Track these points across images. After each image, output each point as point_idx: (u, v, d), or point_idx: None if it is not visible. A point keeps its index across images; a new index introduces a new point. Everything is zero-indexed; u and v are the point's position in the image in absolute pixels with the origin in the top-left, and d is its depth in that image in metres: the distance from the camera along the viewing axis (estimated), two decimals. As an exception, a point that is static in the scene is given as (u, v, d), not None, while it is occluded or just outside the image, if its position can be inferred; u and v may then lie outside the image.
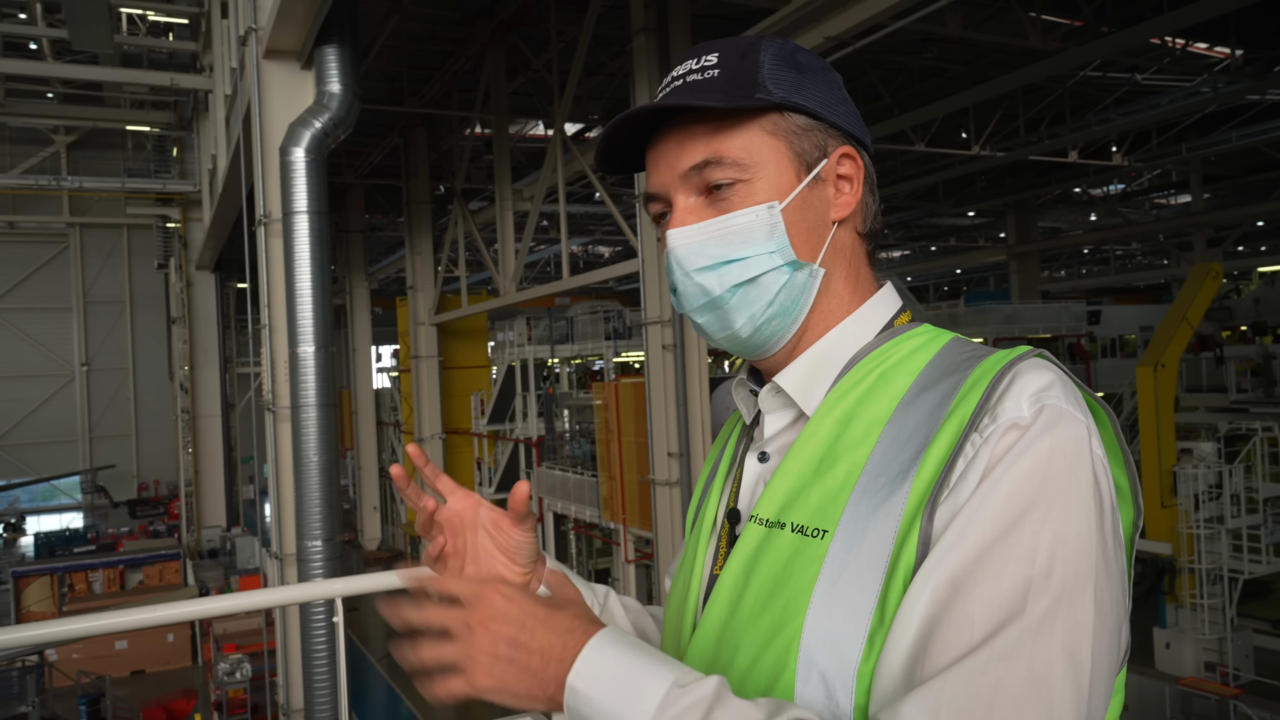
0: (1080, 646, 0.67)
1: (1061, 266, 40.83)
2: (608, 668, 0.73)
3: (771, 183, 0.87)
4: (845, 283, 0.92)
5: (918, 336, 0.89)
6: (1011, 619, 0.67)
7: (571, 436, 19.04)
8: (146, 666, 16.17)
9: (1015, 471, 0.72)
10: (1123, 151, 19.67)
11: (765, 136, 0.87)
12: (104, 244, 28.05)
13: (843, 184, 0.91)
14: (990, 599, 0.68)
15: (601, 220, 27.03)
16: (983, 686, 0.65)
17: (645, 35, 10.35)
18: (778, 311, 0.88)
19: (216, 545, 21.87)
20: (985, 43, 12.79)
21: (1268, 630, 13.85)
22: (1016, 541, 0.69)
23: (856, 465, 0.81)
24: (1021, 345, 0.82)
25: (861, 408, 0.84)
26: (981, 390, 0.77)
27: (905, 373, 0.85)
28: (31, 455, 27.71)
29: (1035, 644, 0.66)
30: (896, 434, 0.80)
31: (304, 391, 8.17)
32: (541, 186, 14.18)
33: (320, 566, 8.16)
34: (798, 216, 0.88)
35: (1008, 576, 0.68)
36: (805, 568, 0.79)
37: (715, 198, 0.88)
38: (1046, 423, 0.73)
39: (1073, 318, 24.46)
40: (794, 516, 0.83)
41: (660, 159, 0.91)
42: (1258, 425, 13.64)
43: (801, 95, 0.88)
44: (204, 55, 17.26)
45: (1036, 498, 0.70)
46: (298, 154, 8.27)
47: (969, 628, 0.67)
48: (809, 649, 0.76)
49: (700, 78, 0.88)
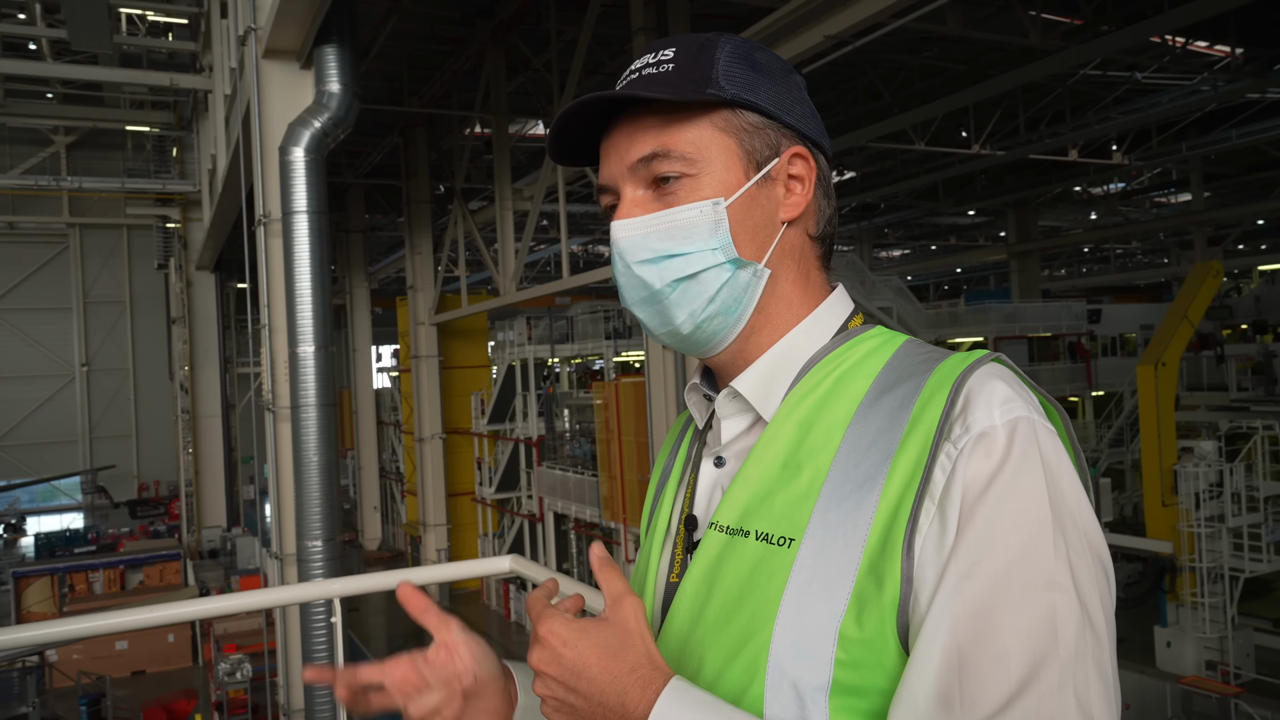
0: (1105, 660, 0.69)
1: (1062, 265, 40.83)
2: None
3: (719, 179, 0.86)
4: (794, 285, 0.91)
5: (872, 339, 0.89)
6: (1048, 652, 0.67)
7: (572, 436, 19.04)
8: (147, 667, 16.17)
9: (1016, 494, 0.71)
10: (1123, 150, 19.66)
11: (715, 132, 0.87)
12: (104, 244, 28.05)
13: (794, 184, 0.90)
14: (1021, 629, 0.68)
15: (601, 220, 26.95)
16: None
17: (645, 34, 10.34)
18: (719, 310, 0.87)
19: (217, 545, 21.87)
20: (985, 41, 12.79)
21: (1268, 629, 13.85)
22: (1035, 566, 0.69)
23: (820, 471, 0.80)
24: (978, 351, 0.82)
25: (821, 412, 0.84)
26: (944, 396, 0.77)
27: (862, 375, 0.84)
28: (32, 456, 27.71)
29: (1075, 673, 0.67)
30: (859, 438, 0.79)
31: (304, 391, 8.16)
32: (541, 186, 14.17)
33: (320, 567, 8.16)
34: (744, 214, 0.87)
35: (1032, 604, 0.68)
36: (772, 576, 0.78)
37: (662, 191, 0.87)
38: (1026, 439, 0.73)
39: (1073, 316, 24.45)
40: (757, 524, 0.82)
41: (611, 151, 0.90)
42: (1258, 424, 13.64)
43: (755, 93, 0.88)
44: (203, 55, 17.25)
45: (1042, 519, 0.71)
46: (297, 154, 8.26)
47: (1004, 661, 0.67)
48: (779, 658, 0.75)
49: (655, 71, 0.89)
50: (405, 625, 18.97)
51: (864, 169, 22.04)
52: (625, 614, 0.77)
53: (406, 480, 23.65)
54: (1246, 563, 12.48)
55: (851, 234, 30.97)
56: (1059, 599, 0.68)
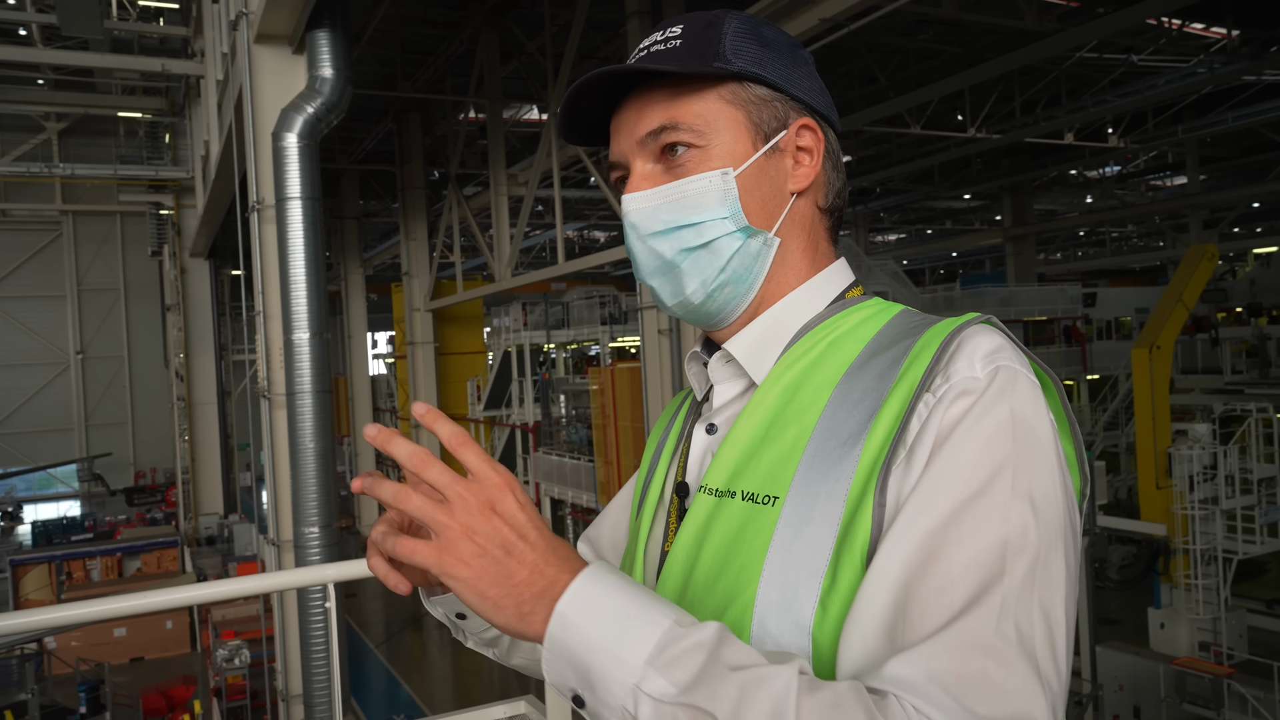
0: (1055, 605, 0.68)
1: (1057, 249, 40.84)
2: (604, 598, 0.68)
3: (727, 150, 0.87)
4: (802, 255, 0.92)
5: (867, 308, 0.90)
6: (993, 581, 0.66)
7: (568, 421, 19.06)
8: (145, 653, 16.21)
9: (979, 432, 0.71)
10: (1119, 133, 19.64)
11: (722, 104, 0.88)
12: (97, 231, 27.96)
13: (802, 155, 0.91)
14: (968, 560, 0.67)
15: (597, 205, 26.97)
16: (972, 650, 0.64)
17: (639, 19, 10.29)
18: (730, 278, 0.88)
19: (214, 532, 21.90)
20: (981, 24, 12.74)
21: (1261, 610, 13.94)
22: (989, 502, 0.69)
23: (805, 430, 0.81)
24: (970, 314, 0.82)
25: (810, 375, 0.85)
26: (931, 353, 0.77)
27: (854, 340, 0.85)
28: (28, 443, 27.69)
29: (1018, 606, 0.66)
30: (845, 397, 0.80)
31: (299, 378, 8.16)
32: (536, 171, 14.13)
33: (317, 552, 8.18)
34: (753, 184, 0.88)
35: (983, 537, 0.68)
36: (756, 535, 0.79)
37: (671, 164, 0.88)
38: (1003, 384, 0.73)
39: (1068, 300, 24.49)
40: (743, 484, 0.82)
41: (621, 126, 0.91)
42: (1252, 406, 13.67)
43: (762, 66, 0.89)
44: (195, 40, 17.14)
45: (1004, 458, 0.70)
46: (290, 139, 8.23)
47: (949, 590, 0.66)
48: (762, 617, 0.76)
49: (663, 48, 0.89)
50: (402, 610, 19.03)
51: (859, 153, 21.99)
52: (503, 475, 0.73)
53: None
54: (1240, 545, 12.54)
55: (847, 218, 30.70)
56: (1012, 535, 0.68)
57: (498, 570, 0.69)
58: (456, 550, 0.69)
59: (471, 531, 0.69)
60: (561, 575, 0.70)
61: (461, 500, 0.70)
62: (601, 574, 0.70)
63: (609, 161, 0.94)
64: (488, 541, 0.69)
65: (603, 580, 0.69)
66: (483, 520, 0.70)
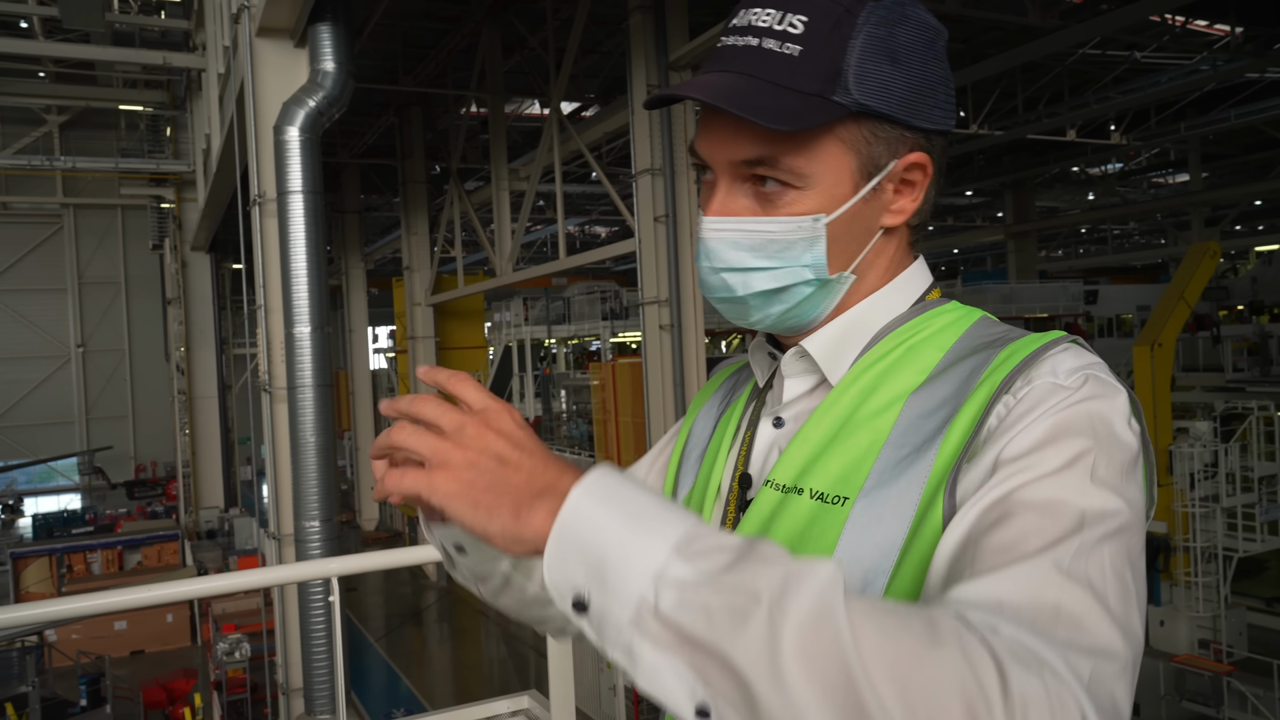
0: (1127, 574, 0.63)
1: (1059, 246, 40.80)
2: (622, 492, 0.61)
3: (825, 193, 0.80)
4: (880, 277, 0.88)
5: (948, 313, 0.87)
6: (1069, 534, 0.63)
7: (569, 417, 19.08)
8: (146, 647, 16.24)
9: (1062, 416, 0.69)
10: (1121, 130, 19.59)
11: (832, 144, 0.80)
12: (98, 225, 27.95)
13: (904, 188, 0.85)
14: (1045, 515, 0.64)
15: (598, 200, 26.93)
16: (1045, 585, 0.60)
17: (642, 13, 10.26)
18: (797, 314, 0.86)
19: (215, 526, 21.93)
20: (984, 20, 12.69)
21: (1261, 608, 13.95)
22: (1068, 479, 0.66)
23: (880, 435, 0.79)
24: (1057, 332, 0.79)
25: (886, 379, 0.83)
26: (1014, 364, 0.76)
27: (934, 347, 0.83)
28: (28, 437, 27.71)
29: (1090, 559, 0.62)
30: (922, 406, 0.79)
31: (300, 372, 8.16)
32: (538, 166, 14.11)
33: (318, 547, 8.19)
34: (843, 229, 0.82)
35: (1065, 502, 0.65)
36: (824, 533, 0.78)
37: (761, 193, 0.81)
38: (1092, 390, 0.71)
39: (1070, 297, 24.50)
40: (812, 483, 0.81)
41: (712, 131, 0.83)
42: (1254, 404, 13.68)
43: (886, 97, 0.79)
44: (196, 33, 17.11)
45: (1085, 446, 0.68)
46: (292, 133, 8.22)
47: (1023, 539, 0.63)
48: None
49: (777, 47, 0.78)
50: (403, 605, 19.05)
51: (861, 149, 21.93)
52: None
53: (404, 461, 23.67)
54: (1240, 542, 12.56)
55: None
56: (1089, 507, 0.65)
57: (491, 478, 0.64)
58: (446, 472, 0.64)
59: (464, 447, 0.65)
60: (564, 476, 0.64)
61: (457, 428, 0.66)
62: (613, 472, 0.63)
63: (691, 149, 0.87)
64: (480, 454, 0.64)
65: (619, 477, 0.63)
66: (476, 436, 0.65)
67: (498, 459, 0.65)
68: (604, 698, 11.22)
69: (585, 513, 0.60)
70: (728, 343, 25.17)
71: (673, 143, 10.16)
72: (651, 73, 10.30)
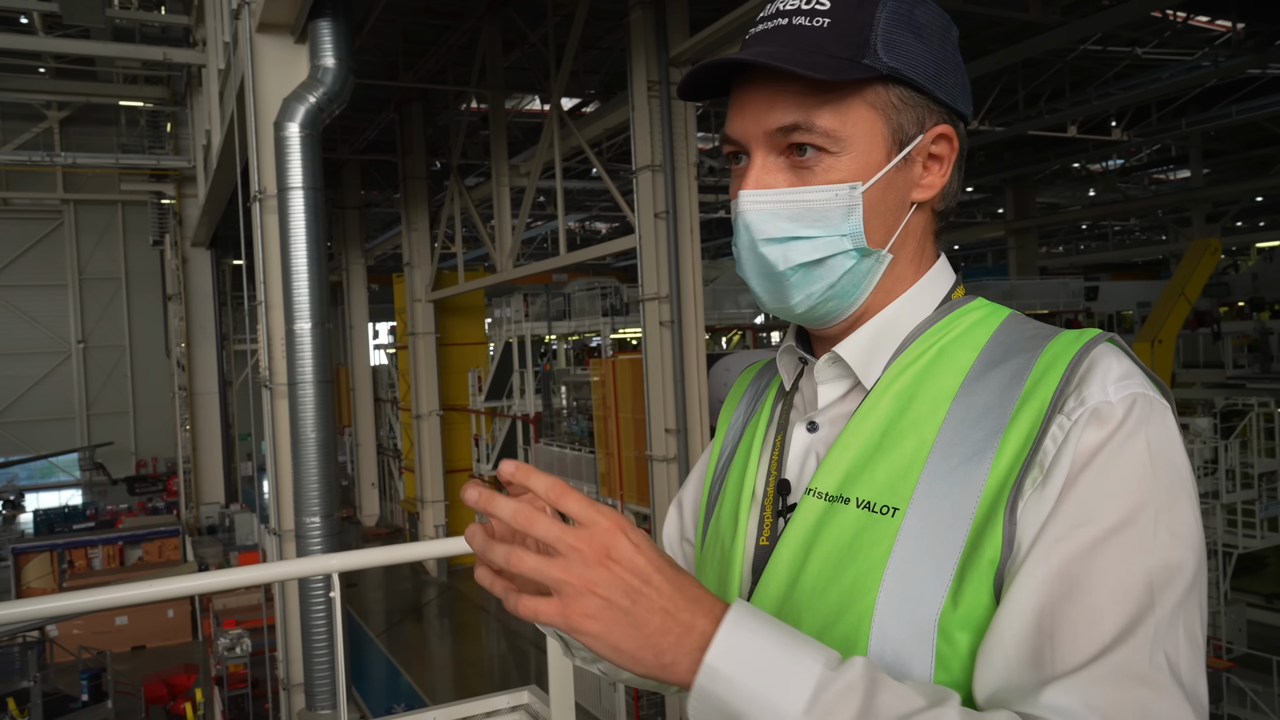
0: (1197, 631, 0.69)
1: (1060, 242, 40.76)
2: (751, 646, 0.66)
3: (859, 160, 0.82)
4: (910, 263, 0.89)
5: (976, 311, 0.88)
6: (1144, 612, 0.67)
7: (569, 413, 19.07)
8: (147, 642, 16.27)
9: (1121, 463, 0.71)
10: (1122, 126, 19.57)
11: (864, 109, 0.82)
12: (99, 221, 27.95)
13: (932, 164, 0.86)
14: (1116, 590, 0.68)
15: (599, 196, 26.92)
16: (1129, 681, 0.66)
17: (642, 9, 10.25)
18: (837, 293, 0.85)
19: (215, 522, 21.97)
20: (985, 15, 12.67)
21: (1261, 604, 13.96)
22: (1134, 534, 0.69)
23: (925, 441, 0.79)
24: (1090, 330, 0.80)
25: (923, 383, 0.83)
26: (1060, 372, 0.76)
27: (968, 348, 0.84)
28: (29, 432, 27.73)
29: (1168, 635, 0.67)
30: (966, 411, 0.79)
31: (301, 368, 8.17)
32: (538, 162, 14.11)
33: (319, 543, 8.20)
34: (878, 199, 0.83)
35: (1131, 569, 0.68)
36: (875, 544, 0.78)
37: (797, 163, 0.83)
38: (1141, 415, 0.73)
39: (1070, 294, 24.47)
40: (858, 492, 0.81)
41: (746, 107, 0.85)
42: (1254, 401, 13.68)
43: (913, 65, 0.82)
44: (197, 29, 17.09)
45: (1148, 493, 0.70)
46: (292, 129, 8.22)
47: (1099, 620, 0.67)
48: (882, 624, 0.76)
49: (807, 22, 0.82)
50: (403, 600, 19.09)
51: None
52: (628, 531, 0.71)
53: (404, 457, 23.69)
54: (1240, 539, 12.56)
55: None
56: (1157, 568, 0.68)
57: (627, 621, 0.66)
58: (581, 606, 0.66)
59: (592, 584, 0.66)
60: (697, 619, 0.67)
61: (575, 552, 0.66)
62: (743, 618, 0.68)
63: (724, 135, 0.87)
64: (611, 592, 0.66)
65: (746, 626, 0.67)
66: (601, 570, 0.66)
67: (629, 597, 0.67)
68: (604, 693, 11.25)
69: (722, 679, 0.65)
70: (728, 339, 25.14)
71: (673, 139, 10.15)
72: (652, 68, 10.29)
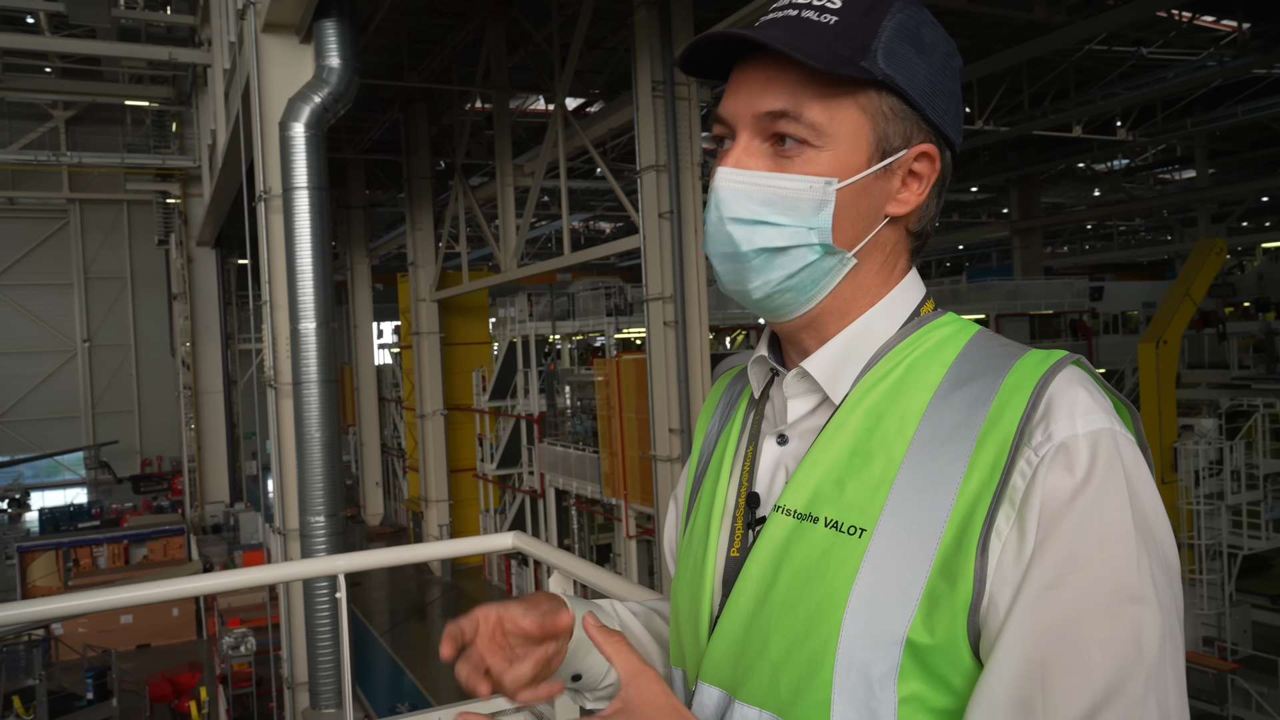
0: (1180, 668, 0.72)
1: (1064, 242, 40.70)
2: None
3: (840, 158, 0.83)
4: (875, 275, 0.89)
5: (944, 327, 0.88)
6: (1134, 663, 0.69)
7: (573, 413, 19.08)
8: (152, 641, 16.31)
9: (1096, 521, 0.71)
10: (1127, 126, 19.54)
11: (852, 110, 0.83)
12: (104, 220, 28.00)
13: (911, 180, 0.87)
14: (1105, 641, 0.69)
15: (603, 196, 26.93)
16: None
17: (646, 9, 10.26)
18: (795, 286, 0.86)
19: (220, 521, 22.01)
20: (990, 15, 12.66)
21: (1266, 605, 13.93)
22: (1118, 581, 0.70)
23: (893, 461, 0.80)
24: (1057, 351, 0.80)
25: (892, 401, 0.83)
26: (1024, 399, 0.76)
27: (936, 365, 0.84)
28: (35, 431, 27.79)
29: (1159, 683, 0.69)
30: (934, 431, 0.79)
31: (305, 368, 8.18)
32: (542, 162, 14.12)
33: (323, 542, 8.20)
34: (851, 200, 0.84)
35: (1118, 618, 0.69)
36: (842, 565, 0.79)
37: (779, 150, 0.84)
38: (1109, 457, 0.73)
39: (1075, 294, 24.37)
40: (826, 510, 0.82)
41: (741, 87, 0.86)
42: (1259, 402, 13.65)
43: (909, 78, 0.83)
44: (202, 29, 17.12)
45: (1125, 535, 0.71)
46: (297, 129, 8.22)
47: (1090, 672, 0.68)
48: (848, 645, 0.76)
49: (815, 17, 0.83)
50: (407, 600, 19.11)
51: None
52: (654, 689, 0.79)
53: (408, 456, 23.74)
54: (1245, 540, 12.54)
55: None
56: (1143, 613, 0.69)
57: None
58: None
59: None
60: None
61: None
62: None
63: (716, 114, 0.89)
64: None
65: None
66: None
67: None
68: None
69: None
70: (731, 339, 25.14)
71: (677, 139, 10.16)
72: (656, 69, 10.30)
